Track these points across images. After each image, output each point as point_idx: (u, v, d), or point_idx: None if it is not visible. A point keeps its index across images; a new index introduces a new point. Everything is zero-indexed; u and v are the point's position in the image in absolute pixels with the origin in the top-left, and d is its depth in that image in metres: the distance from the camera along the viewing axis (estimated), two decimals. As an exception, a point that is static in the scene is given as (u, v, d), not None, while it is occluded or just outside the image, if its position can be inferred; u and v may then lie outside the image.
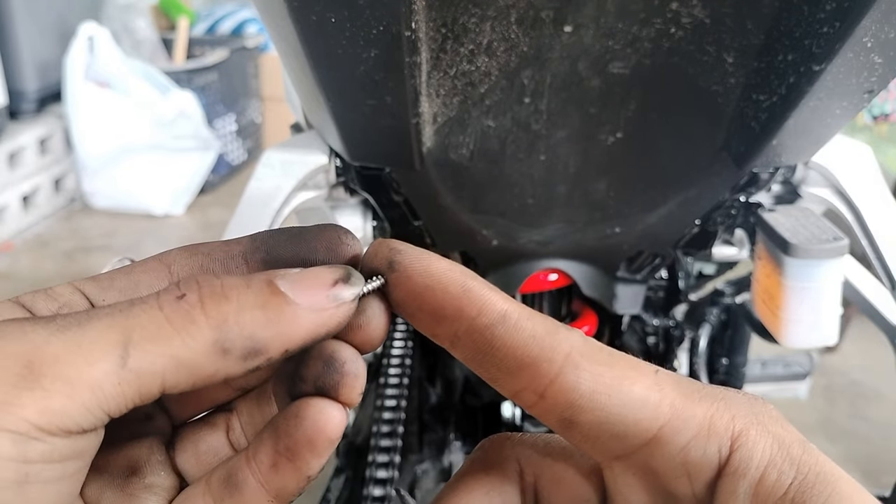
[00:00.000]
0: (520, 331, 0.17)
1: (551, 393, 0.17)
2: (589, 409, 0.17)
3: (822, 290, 0.42)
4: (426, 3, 0.30)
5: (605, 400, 0.17)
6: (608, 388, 0.17)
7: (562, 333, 0.18)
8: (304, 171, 0.44)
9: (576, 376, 0.17)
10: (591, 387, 0.17)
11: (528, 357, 0.17)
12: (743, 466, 0.16)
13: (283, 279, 0.17)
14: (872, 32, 0.29)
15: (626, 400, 0.17)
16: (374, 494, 0.51)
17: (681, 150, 0.39)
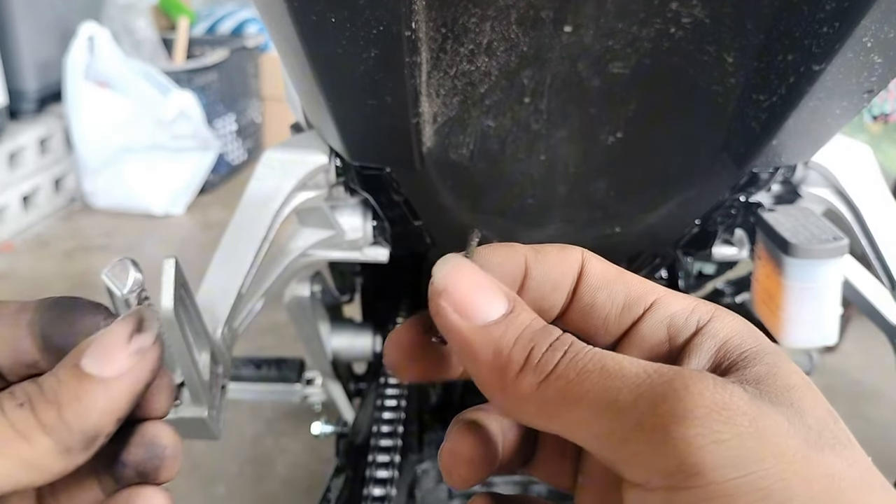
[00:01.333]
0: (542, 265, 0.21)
1: (579, 286, 0.21)
2: (604, 285, 0.21)
3: (822, 290, 0.42)
4: (426, 4, 0.30)
5: (612, 278, 0.21)
6: (615, 274, 0.21)
7: (571, 247, 0.21)
8: (304, 171, 0.44)
9: (590, 266, 0.21)
10: (602, 272, 0.21)
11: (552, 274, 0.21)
12: (714, 330, 0.19)
13: (86, 358, 0.18)
14: (872, 32, 0.29)
15: (629, 281, 0.21)
16: (374, 494, 0.51)
17: (681, 150, 0.39)
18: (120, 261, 0.32)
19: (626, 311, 0.20)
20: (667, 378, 0.16)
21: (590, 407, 0.16)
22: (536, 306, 0.21)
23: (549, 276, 0.21)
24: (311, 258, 0.52)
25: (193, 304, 0.36)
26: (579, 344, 0.18)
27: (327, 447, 1.32)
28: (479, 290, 0.18)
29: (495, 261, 0.21)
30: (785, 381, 0.17)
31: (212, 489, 1.24)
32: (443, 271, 0.19)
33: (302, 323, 0.73)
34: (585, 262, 0.21)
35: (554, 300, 0.21)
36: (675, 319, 0.20)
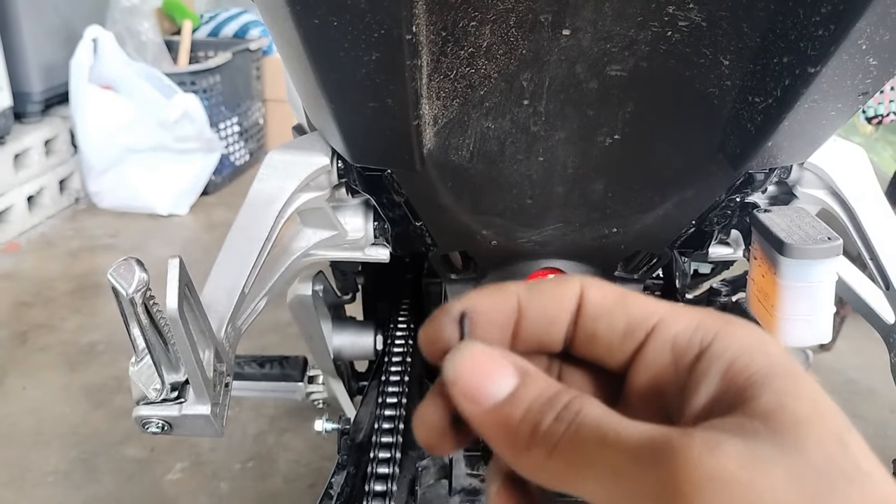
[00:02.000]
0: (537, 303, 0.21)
1: (579, 318, 0.21)
2: (604, 314, 0.21)
3: (817, 290, 0.42)
4: (427, 7, 0.30)
5: (611, 304, 0.21)
6: (613, 298, 0.21)
7: (569, 278, 0.21)
8: (306, 172, 0.44)
9: (588, 296, 0.21)
10: (600, 300, 0.21)
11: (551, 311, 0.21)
12: (721, 350, 0.18)
13: None
14: (867, 35, 0.29)
15: (630, 305, 0.20)
16: (375, 490, 0.51)
17: (677, 152, 0.39)
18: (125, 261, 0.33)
19: (627, 338, 0.20)
20: (658, 446, 0.16)
21: (594, 477, 0.17)
22: (537, 342, 0.21)
23: (544, 313, 0.21)
24: (313, 258, 0.52)
25: (198, 303, 0.37)
26: (586, 410, 0.18)
27: (329, 444, 1.32)
28: (485, 375, 0.19)
29: (486, 308, 0.21)
30: (793, 413, 0.17)
31: (215, 485, 1.25)
32: (451, 362, 0.19)
33: (304, 322, 0.73)
34: (584, 293, 0.21)
35: (554, 335, 0.21)
36: (677, 341, 0.19)
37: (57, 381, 1.53)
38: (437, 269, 0.52)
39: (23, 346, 1.64)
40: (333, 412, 0.95)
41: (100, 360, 1.60)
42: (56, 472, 1.28)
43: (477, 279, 0.52)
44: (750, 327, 0.19)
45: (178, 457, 1.30)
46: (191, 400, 0.38)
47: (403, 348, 0.69)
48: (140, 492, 1.23)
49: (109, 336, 1.68)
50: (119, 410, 1.44)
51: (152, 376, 0.37)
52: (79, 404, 1.45)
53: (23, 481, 1.26)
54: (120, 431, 1.37)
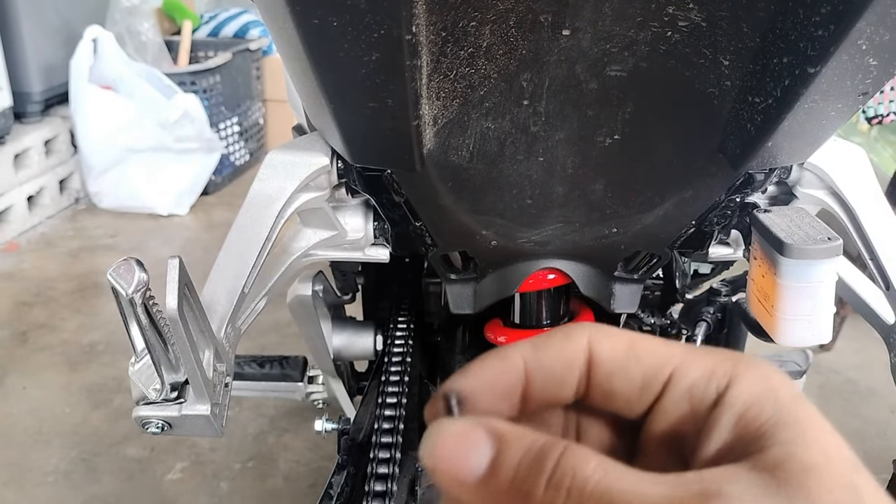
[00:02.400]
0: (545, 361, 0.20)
1: (592, 375, 0.20)
2: (618, 370, 0.20)
3: (817, 290, 0.42)
4: (426, 8, 0.30)
5: (623, 357, 0.20)
6: (624, 350, 0.20)
7: (575, 331, 0.20)
8: (306, 173, 0.44)
9: (598, 350, 0.20)
10: (611, 354, 0.20)
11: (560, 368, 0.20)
12: (732, 400, 0.19)
13: None
14: (867, 35, 0.29)
15: (642, 354, 0.20)
16: (375, 490, 0.51)
17: (677, 152, 0.39)
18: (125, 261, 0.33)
19: (644, 392, 0.20)
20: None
21: None
22: (549, 401, 0.21)
23: (553, 375, 0.20)
24: (313, 258, 0.52)
25: (197, 303, 0.37)
26: (580, 471, 0.17)
27: (329, 444, 1.33)
28: (458, 451, 0.18)
29: (488, 379, 0.20)
30: (802, 461, 0.17)
31: (215, 485, 1.25)
32: (424, 449, 0.18)
33: (304, 322, 0.73)
34: (592, 347, 0.20)
35: (566, 391, 0.21)
36: (694, 391, 0.19)
37: (57, 380, 1.53)
38: (437, 269, 0.52)
39: (23, 346, 1.64)
40: (333, 412, 0.95)
41: (100, 360, 1.60)
42: (56, 471, 1.28)
43: (477, 279, 0.52)
44: (762, 371, 0.19)
45: (178, 457, 1.30)
46: (191, 400, 0.38)
47: (403, 348, 0.69)
48: (140, 492, 1.23)
49: (109, 336, 1.68)
50: (119, 410, 1.44)
51: (152, 376, 0.37)
52: (79, 404, 1.45)
53: (23, 481, 1.26)
54: (120, 431, 1.37)
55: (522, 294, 0.56)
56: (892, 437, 1.38)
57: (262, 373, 1.01)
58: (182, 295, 0.34)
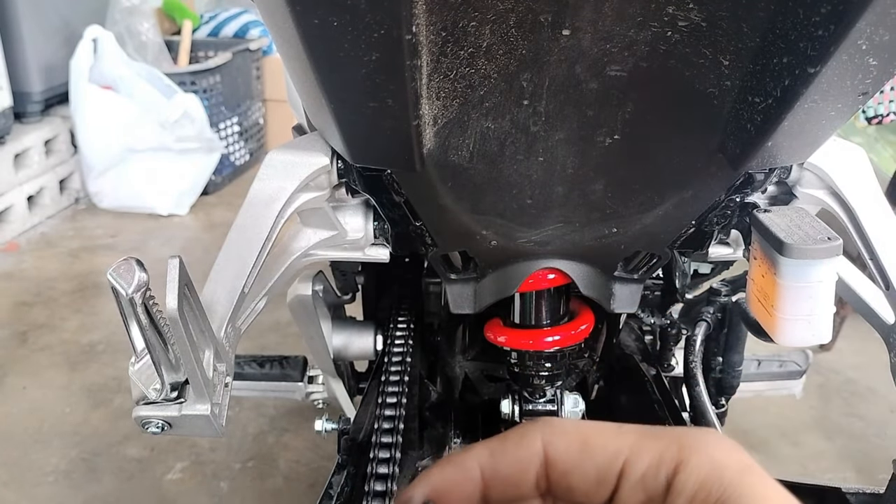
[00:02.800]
0: (506, 457, 0.22)
1: (550, 474, 0.22)
2: (572, 468, 0.21)
3: (817, 290, 0.42)
4: (427, 7, 0.30)
5: (577, 455, 0.21)
6: (578, 448, 0.21)
7: (529, 434, 0.22)
8: (306, 173, 0.44)
9: (552, 451, 0.21)
10: (565, 454, 0.21)
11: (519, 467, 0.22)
12: (680, 486, 0.20)
13: None
14: (867, 35, 0.29)
15: (595, 450, 0.21)
16: (375, 489, 0.51)
17: (677, 152, 0.39)
18: (125, 261, 0.33)
19: (601, 486, 0.21)
20: None
21: None
22: (511, 498, 0.22)
23: (509, 478, 0.22)
24: (313, 258, 0.52)
25: (197, 302, 0.37)
26: None
27: (329, 444, 1.33)
28: None
29: (446, 487, 0.22)
30: None
31: (215, 485, 1.25)
32: None
33: (304, 321, 0.74)
34: (547, 448, 0.22)
35: (526, 490, 0.22)
36: (646, 481, 0.21)
37: (57, 380, 1.53)
38: (437, 269, 0.52)
39: (23, 345, 1.65)
40: (333, 412, 0.95)
41: (100, 359, 1.60)
42: (56, 471, 1.28)
43: (477, 279, 0.52)
44: (708, 451, 0.20)
45: (178, 456, 1.30)
46: (191, 400, 0.38)
47: (403, 348, 0.69)
48: (140, 491, 1.23)
49: (109, 336, 1.68)
50: (119, 410, 1.44)
51: (152, 376, 0.37)
52: (79, 404, 1.46)
53: (23, 481, 1.26)
54: (120, 431, 1.37)
55: (522, 294, 0.56)
56: (892, 437, 1.38)
57: (262, 373, 1.01)
58: (182, 295, 0.34)
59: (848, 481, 1.27)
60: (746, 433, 1.39)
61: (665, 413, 0.65)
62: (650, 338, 0.80)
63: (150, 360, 0.36)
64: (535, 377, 0.59)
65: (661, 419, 0.64)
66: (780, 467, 1.33)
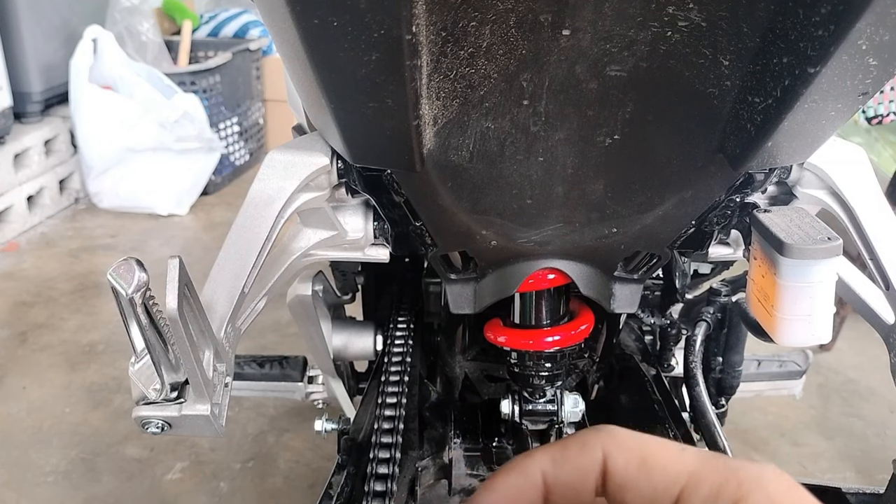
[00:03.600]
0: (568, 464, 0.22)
1: (607, 484, 0.22)
2: (629, 484, 0.21)
3: (817, 290, 0.42)
4: (427, 7, 0.30)
5: (635, 473, 0.21)
6: (636, 465, 0.21)
7: (591, 442, 0.22)
8: (306, 173, 0.44)
9: (612, 464, 0.22)
10: (623, 470, 0.21)
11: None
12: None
13: None
14: (867, 35, 0.29)
15: (653, 471, 0.21)
16: (375, 490, 0.51)
17: (677, 152, 0.39)
18: (125, 261, 0.33)
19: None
20: None
21: None
22: (571, 502, 0.23)
23: (571, 486, 0.22)
24: (313, 258, 0.52)
25: (197, 302, 0.37)
26: None
27: (329, 444, 1.33)
28: None
29: (510, 495, 0.22)
30: None
31: (215, 485, 1.25)
32: None
33: (304, 322, 0.74)
34: (606, 460, 0.22)
35: (584, 499, 0.22)
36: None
37: (57, 380, 1.53)
38: (437, 269, 0.52)
39: (23, 345, 1.65)
40: (333, 412, 0.95)
41: (100, 359, 1.60)
42: (56, 471, 1.28)
43: (477, 279, 0.52)
44: (769, 490, 0.20)
45: (178, 456, 1.30)
46: (190, 400, 0.38)
47: (403, 348, 0.69)
48: (140, 492, 1.23)
49: (109, 336, 1.68)
50: (119, 410, 1.44)
51: (152, 376, 0.37)
52: (79, 404, 1.46)
53: (23, 481, 1.26)
54: (120, 431, 1.37)
55: (522, 294, 0.56)
56: (892, 437, 1.38)
57: (262, 373, 1.01)
58: (182, 295, 0.34)
59: (848, 481, 1.27)
60: (746, 433, 1.39)
61: (665, 413, 0.65)
62: (650, 338, 0.80)
63: (150, 360, 0.36)
64: (535, 377, 0.59)
65: (661, 419, 0.64)
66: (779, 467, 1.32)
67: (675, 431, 0.62)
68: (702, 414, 0.65)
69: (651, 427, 0.64)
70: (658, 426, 0.63)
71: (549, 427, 0.61)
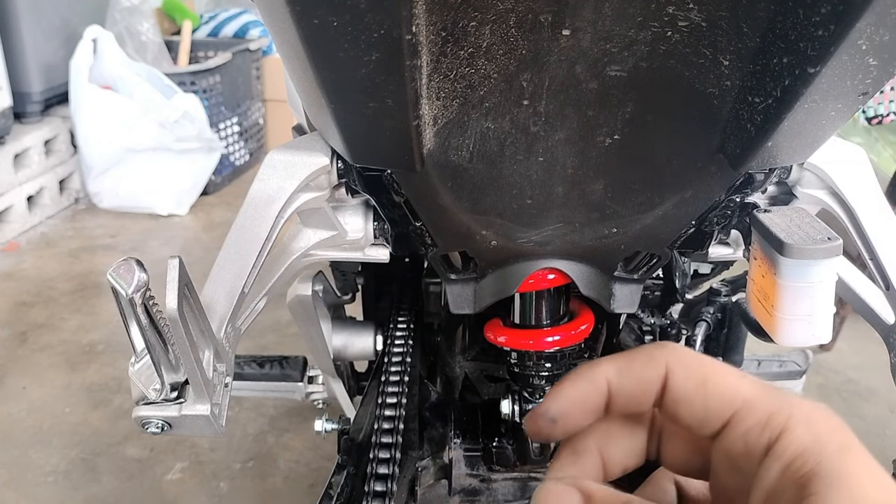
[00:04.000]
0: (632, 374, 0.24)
1: (665, 397, 0.23)
2: (686, 401, 0.23)
3: (817, 290, 0.42)
4: (427, 7, 0.30)
5: (693, 391, 0.22)
6: (695, 384, 0.22)
7: (657, 356, 0.23)
8: (306, 173, 0.44)
9: (673, 378, 0.23)
10: (682, 385, 0.23)
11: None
12: (780, 451, 0.21)
13: None
14: (867, 35, 0.29)
15: (711, 390, 0.22)
16: (375, 490, 0.51)
17: (677, 152, 0.39)
18: (125, 261, 0.33)
19: (705, 426, 0.23)
20: None
21: None
22: (629, 412, 0.25)
23: (632, 395, 0.23)
24: (313, 258, 0.52)
25: (197, 302, 0.37)
26: None
27: (329, 444, 1.33)
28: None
29: (578, 399, 0.24)
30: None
31: (215, 485, 1.25)
32: (534, 501, 0.23)
33: (304, 322, 0.74)
34: (669, 374, 0.23)
35: (643, 407, 0.24)
36: (749, 437, 0.22)
37: (57, 380, 1.53)
38: (437, 269, 0.52)
39: (23, 345, 1.65)
40: (333, 412, 0.95)
41: (100, 359, 1.60)
42: (56, 471, 1.28)
43: (477, 279, 0.52)
44: (814, 424, 0.21)
45: (178, 456, 1.30)
46: (190, 400, 0.38)
47: (403, 348, 0.69)
48: (140, 492, 1.23)
49: (109, 336, 1.68)
50: (119, 410, 1.44)
51: (152, 376, 0.37)
52: (79, 404, 1.46)
53: (23, 481, 1.26)
54: (120, 431, 1.37)
55: (522, 294, 0.56)
56: (892, 437, 1.38)
57: (262, 373, 1.01)
58: (182, 295, 0.34)
59: (848, 481, 1.26)
60: (746, 433, 1.39)
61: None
62: (650, 338, 0.80)
63: (150, 360, 0.36)
64: (535, 377, 0.59)
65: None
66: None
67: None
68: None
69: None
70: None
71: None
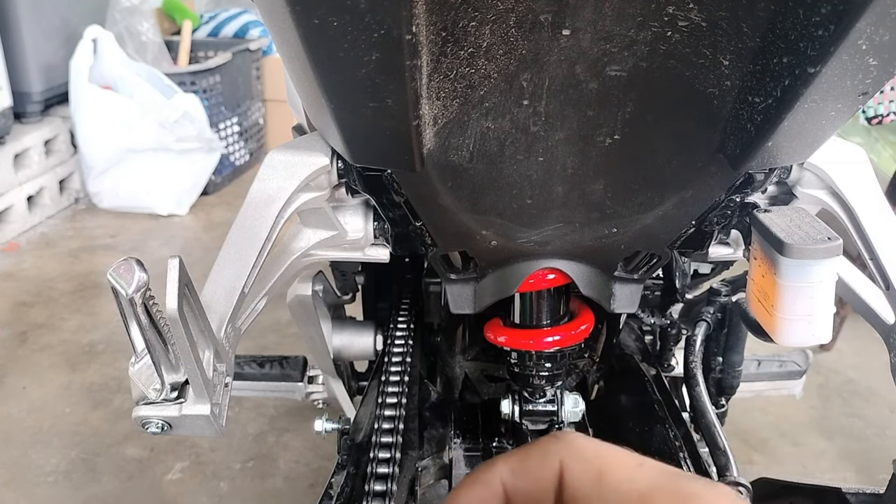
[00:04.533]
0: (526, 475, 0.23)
1: (563, 493, 0.22)
2: (583, 498, 0.22)
3: (817, 290, 0.42)
4: (427, 7, 0.30)
5: (589, 487, 0.22)
6: (591, 479, 0.22)
7: (550, 452, 0.23)
8: (306, 172, 0.44)
9: (568, 476, 0.22)
10: (578, 481, 0.22)
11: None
12: None
13: None
14: (867, 35, 0.29)
15: (606, 488, 0.22)
16: (375, 490, 0.52)
17: (677, 152, 0.39)
18: (125, 261, 0.33)
19: None
20: None
21: None
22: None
23: (531, 493, 0.23)
24: (313, 258, 0.52)
25: (197, 303, 0.37)
26: None
27: (329, 444, 1.33)
28: None
29: (470, 502, 0.23)
30: None
31: (215, 485, 1.25)
32: None
33: (304, 322, 0.74)
34: (564, 471, 0.22)
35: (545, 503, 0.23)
36: None
37: (57, 380, 1.53)
38: (437, 269, 0.52)
39: (23, 345, 1.65)
40: (333, 412, 0.95)
41: (100, 359, 1.60)
42: (56, 471, 1.28)
43: (477, 279, 0.53)
44: None
45: (178, 457, 1.30)
46: (190, 400, 0.38)
47: (403, 348, 0.69)
48: (140, 492, 1.23)
49: (109, 336, 1.68)
50: (119, 410, 1.44)
51: (152, 376, 0.37)
52: (79, 404, 1.46)
53: (23, 481, 1.26)
54: (120, 431, 1.37)
55: (522, 294, 0.56)
56: (892, 437, 1.38)
57: (262, 373, 1.01)
58: (182, 295, 0.34)
59: (848, 481, 1.27)
60: (746, 433, 1.40)
61: (665, 413, 0.65)
62: (650, 338, 0.80)
63: (150, 360, 0.36)
64: (535, 377, 0.59)
65: (661, 419, 0.64)
66: (780, 467, 1.33)
67: (675, 431, 0.62)
68: (702, 414, 0.65)
69: (651, 427, 0.64)
70: (658, 426, 0.63)
71: (549, 427, 0.61)
